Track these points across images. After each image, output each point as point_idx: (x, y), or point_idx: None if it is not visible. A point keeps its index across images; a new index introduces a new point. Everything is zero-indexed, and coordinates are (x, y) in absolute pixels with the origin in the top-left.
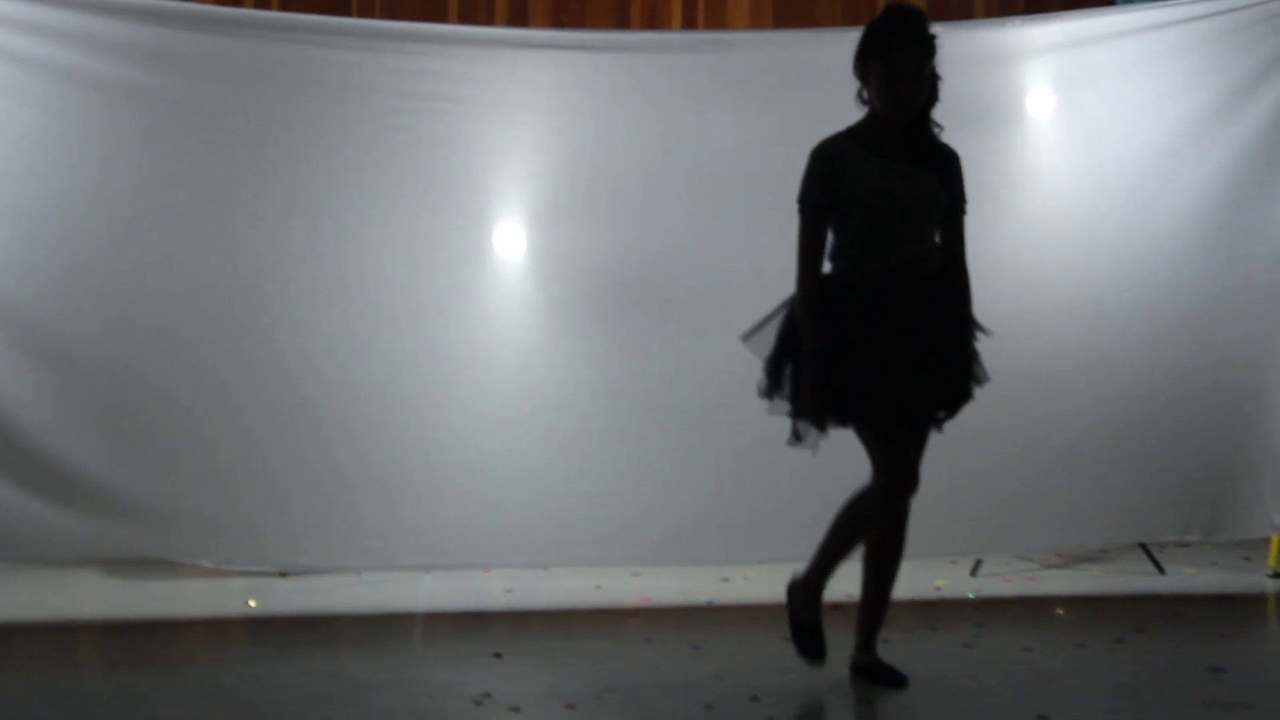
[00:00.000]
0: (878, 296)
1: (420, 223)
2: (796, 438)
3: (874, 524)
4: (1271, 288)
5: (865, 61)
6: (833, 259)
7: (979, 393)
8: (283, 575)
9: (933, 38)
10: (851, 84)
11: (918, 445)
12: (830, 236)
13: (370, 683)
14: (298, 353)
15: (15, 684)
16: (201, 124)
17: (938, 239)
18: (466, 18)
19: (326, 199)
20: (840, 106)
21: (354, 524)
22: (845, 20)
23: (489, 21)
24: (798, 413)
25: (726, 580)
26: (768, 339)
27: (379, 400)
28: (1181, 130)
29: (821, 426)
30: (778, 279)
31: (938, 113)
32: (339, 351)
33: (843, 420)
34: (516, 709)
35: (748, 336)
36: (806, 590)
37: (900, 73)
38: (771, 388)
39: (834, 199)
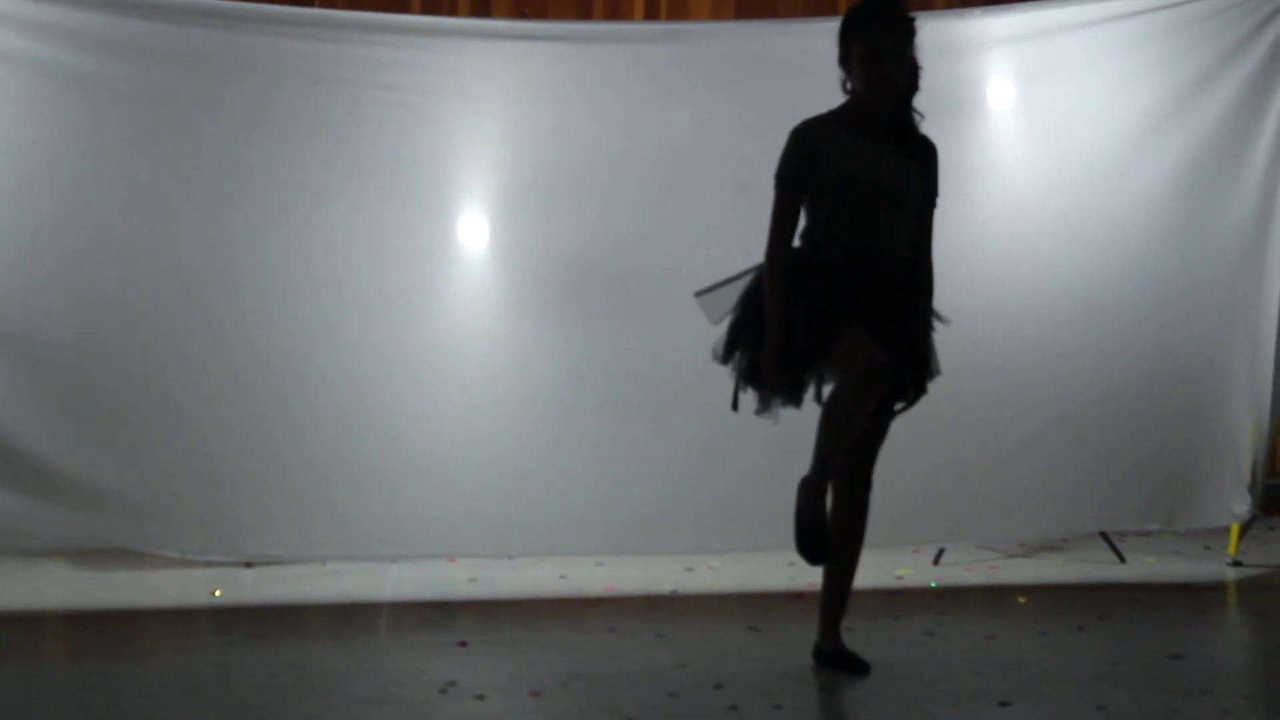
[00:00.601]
0: (850, 274)
1: (387, 213)
2: (734, 406)
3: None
4: (1232, 279)
5: (847, 43)
6: (803, 237)
7: (935, 385)
8: (248, 565)
9: (912, 20)
10: (812, 75)
11: (875, 436)
12: (803, 216)
13: (337, 671)
14: (266, 341)
15: None
16: (168, 113)
17: (909, 226)
18: (430, 8)
19: (295, 189)
20: (801, 97)
21: (322, 513)
22: (806, 11)
23: (452, 12)
24: (755, 381)
25: (690, 570)
26: (724, 302)
27: (346, 388)
28: (1144, 121)
29: (779, 394)
30: (739, 267)
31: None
32: (307, 340)
33: (796, 397)
34: (481, 697)
35: (703, 293)
36: (809, 487)
37: (881, 52)
38: (728, 354)
39: (809, 177)
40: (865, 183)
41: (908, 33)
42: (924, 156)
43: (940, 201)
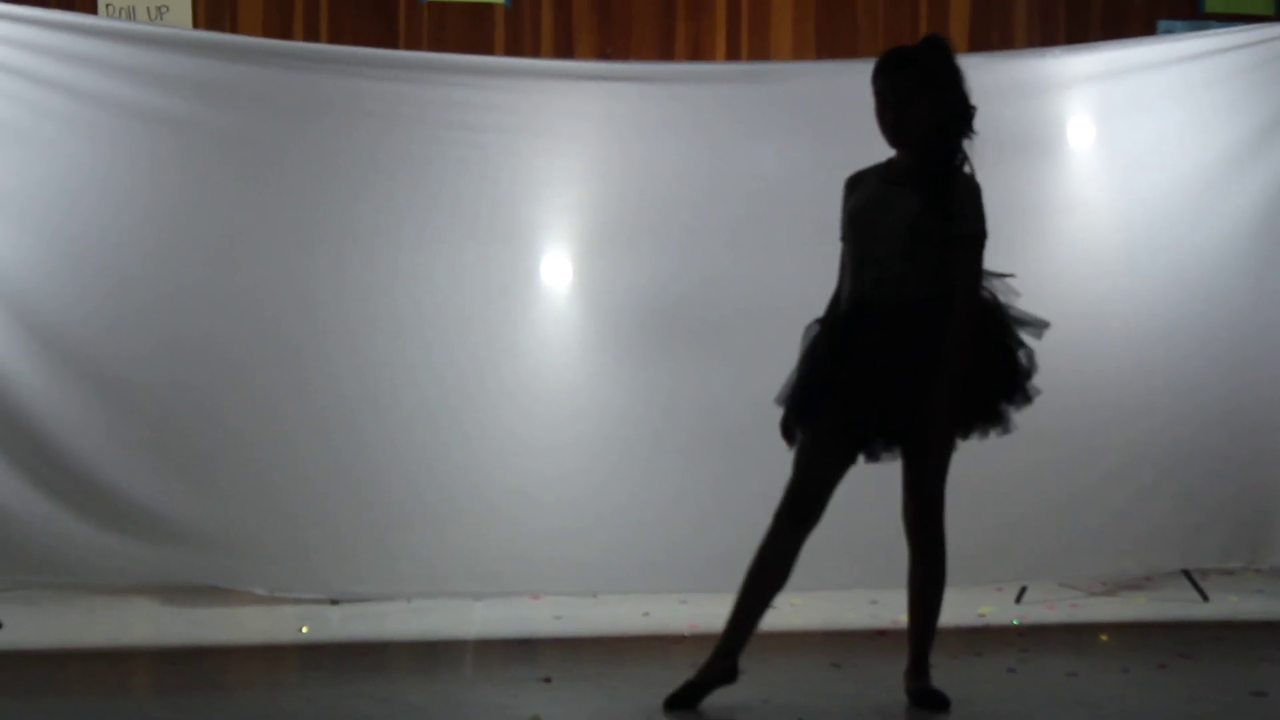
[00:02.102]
0: (844, 333)
1: (469, 252)
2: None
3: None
4: None
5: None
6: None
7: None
8: (334, 602)
9: (917, 65)
10: None
11: (920, 484)
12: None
13: (421, 707)
14: (349, 381)
15: (70, 710)
16: (250, 155)
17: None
18: (512, 51)
19: (376, 229)
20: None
21: (404, 550)
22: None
23: (535, 54)
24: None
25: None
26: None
27: (429, 427)
28: (1223, 159)
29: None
30: (820, 307)
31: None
32: (389, 379)
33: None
34: None
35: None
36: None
37: (885, 100)
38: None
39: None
40: (863, 223)
41: (912, 78)
42: (951, 194)
43: (1020, 237)
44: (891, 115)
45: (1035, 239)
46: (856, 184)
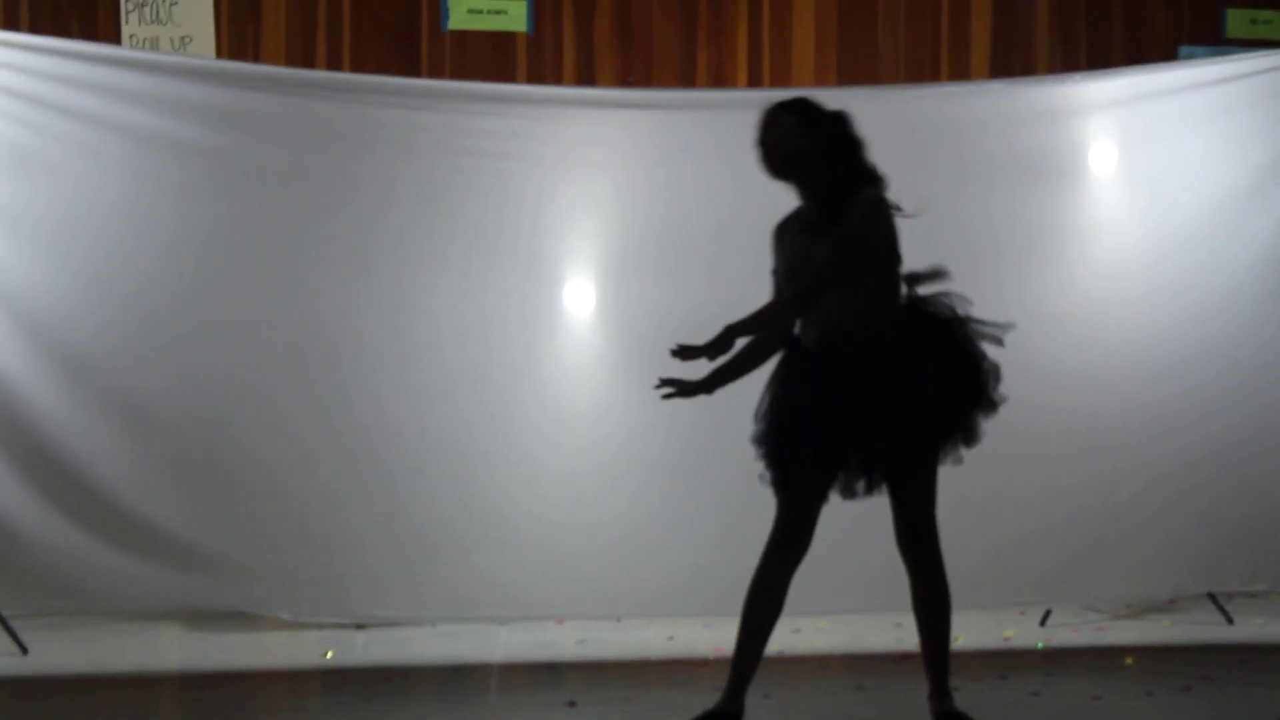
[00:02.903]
0: (808, 374)
1: (491, 279)
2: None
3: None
4: None
5: None
6: None
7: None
8: (359, 627)
9: (782, 121)
10: (915, 140)
11: (907, 508)
12: None
13: None
14: (372, 408)
15: None
16: (273, 184)
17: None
18: (535, 79)
19: (396, 258)
20: (904, 161)
21: (429, 576)
22: (909, 77)
23: (557, 82)
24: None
25: (797, 631)
26: None
27: (451, 454)
28: (1245, 183)
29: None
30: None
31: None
32: (412, 406)
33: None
34: None
35: None
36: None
37: (764, 164)
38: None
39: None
40: (794, 279)
41: (776, 140)
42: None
43: (1042, 264)
44: (772, 175)
45: (1057, 263)
46: (781, 235)
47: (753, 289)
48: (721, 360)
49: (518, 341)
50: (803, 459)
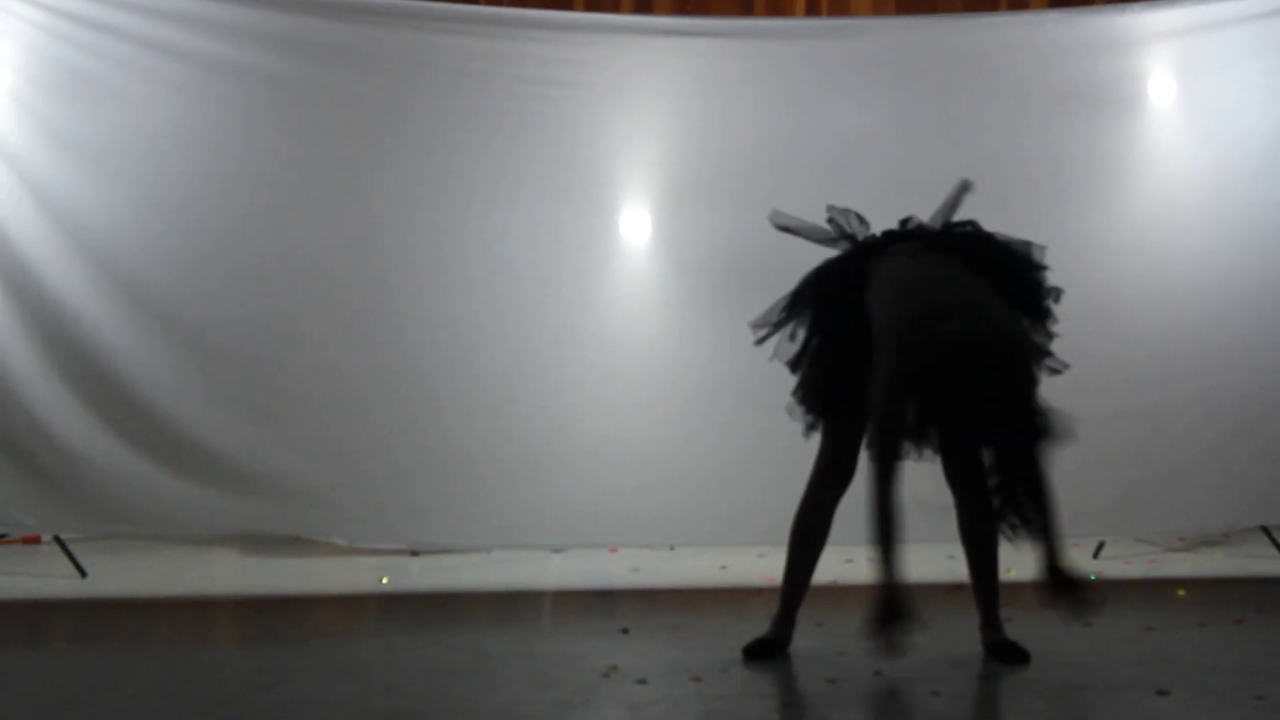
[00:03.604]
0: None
1: (544, 208)
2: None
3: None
4: None
5: None
6: None
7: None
8: (414, 554)
9: None
10: (973, 70)
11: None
12: None
13: (498, 655)
14: (424, 338)
15: (154, 655)
16: (326, 110)
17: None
18: (593, 7)
19: (452, 185)
20: (962, 92)
21: (481, 504)
22: (968, 6)
23: (614, 11)
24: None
25: (850, 561)
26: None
27: (504, 385)
28: None
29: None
30: None
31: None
32: (464, 337)
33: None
34: (643, 681)
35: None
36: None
37: None
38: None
39: None
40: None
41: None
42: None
43: (1103, 192)
44: None
45: (1117, 194)
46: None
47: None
48: None
49: (572, 271)
50: (850, 397)
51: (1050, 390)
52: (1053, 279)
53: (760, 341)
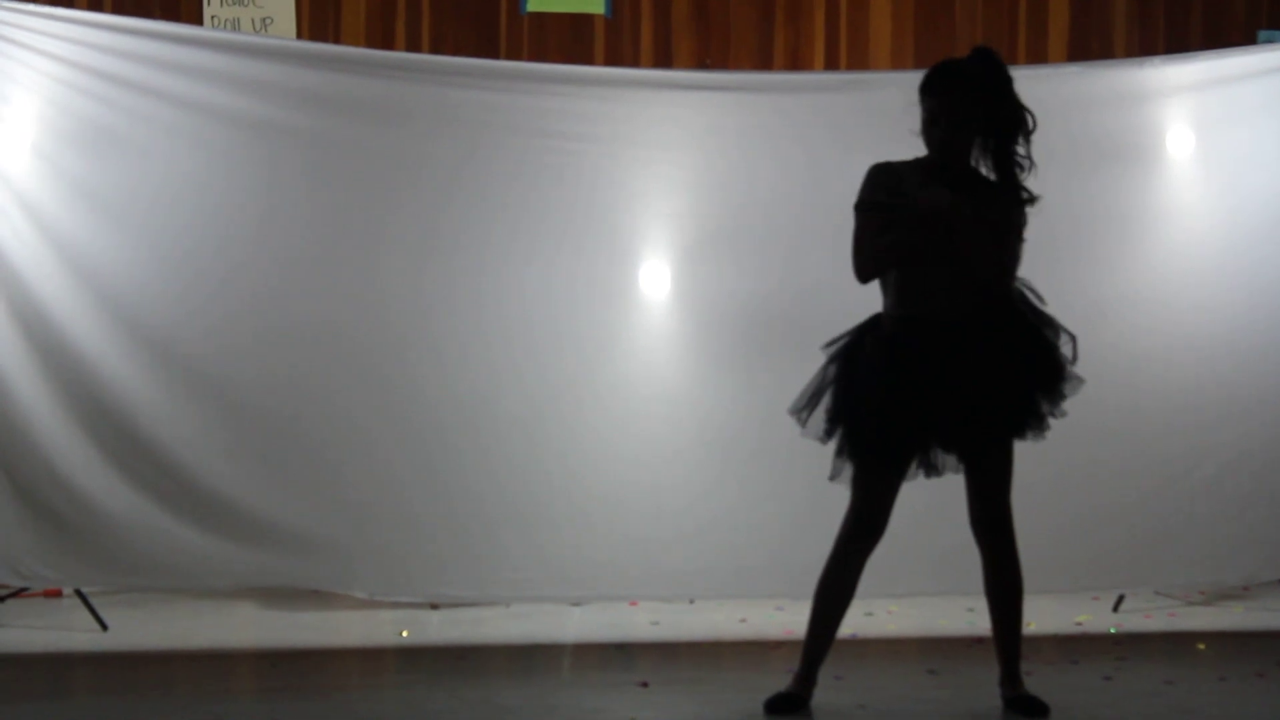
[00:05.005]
0: (896, 349)
1: (562, 261)
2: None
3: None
4: None
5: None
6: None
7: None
8: (434, 607)
9: (972, 81)
10: None
11: (984, 486)
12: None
13: (517, 709)
14: (443, 392)
15: (175, 708)
16: (347, 164)
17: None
18: (612, 61)
19: (471, 238)
20: None
21: (500, 557)
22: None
23: (634, 65)
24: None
25: (870, 614)
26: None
27: (523, 437)
28: None
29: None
30: None
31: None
32: (483, 390)
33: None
34: None
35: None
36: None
37: (934, 116)
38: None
39: (895, 202)
40: (952, 224)
41: (966, 96)
42: (1003, 203)
43: (1120, 246)
44: (941, 134)
45: (1134, 245)
46: (900, 177)
47: (829, 272)
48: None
49: (591, 324)
50: (882, 444)
51: (1070, 444)
52: (1069, 327)
53: (804, 424)
